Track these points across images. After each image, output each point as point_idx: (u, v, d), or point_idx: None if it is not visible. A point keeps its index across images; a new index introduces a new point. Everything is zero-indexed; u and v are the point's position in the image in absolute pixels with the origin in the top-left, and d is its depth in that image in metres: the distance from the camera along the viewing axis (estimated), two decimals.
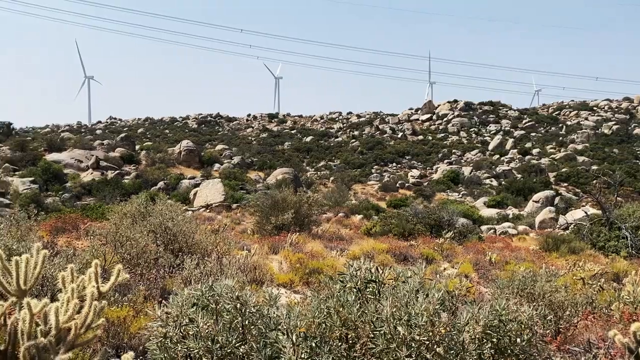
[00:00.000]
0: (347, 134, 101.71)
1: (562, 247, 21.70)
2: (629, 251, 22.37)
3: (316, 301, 3.82)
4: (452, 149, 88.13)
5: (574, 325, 7.25)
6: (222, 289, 3.81)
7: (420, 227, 25.49)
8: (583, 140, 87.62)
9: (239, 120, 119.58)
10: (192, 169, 58.07)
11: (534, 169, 72.21)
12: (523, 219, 42.05)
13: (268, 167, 65.69)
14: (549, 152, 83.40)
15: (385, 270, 4.20)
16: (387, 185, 66.06)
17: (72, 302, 4.03)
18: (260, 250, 14.63)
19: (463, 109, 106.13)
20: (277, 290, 9.33)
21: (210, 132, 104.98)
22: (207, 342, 3.61)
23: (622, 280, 13.23)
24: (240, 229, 25.82)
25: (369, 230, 26.60)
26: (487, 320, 3.58)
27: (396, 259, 16.63)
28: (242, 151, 78.43)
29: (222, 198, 39.37)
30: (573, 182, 64.59)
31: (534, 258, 18.85)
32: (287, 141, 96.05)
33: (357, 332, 3.65)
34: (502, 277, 11.58)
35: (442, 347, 3.43)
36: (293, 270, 12.52)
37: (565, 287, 8.02)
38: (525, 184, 60.70)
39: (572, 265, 14.57)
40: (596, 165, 72.93)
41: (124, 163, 54.90)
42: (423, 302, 3.48)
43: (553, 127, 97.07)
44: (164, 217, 10.47)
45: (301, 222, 23.20)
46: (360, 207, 43.74)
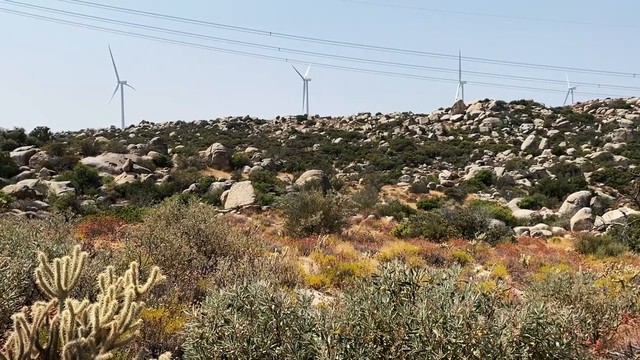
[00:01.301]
0: (376, 135, 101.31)
1: (599, 249, 21.14)
2: None
3: (350, 303, 3.82)
4: (484, 149, 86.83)
5: (614, 329, 7.05)
6: (256, 290, 3.84)
7: (452, 228, 25.19)
8: (620, 138, 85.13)
9: (268, 122, 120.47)
10: (222, 172, 58.76)
11: (569, 168, 70.50)
12: (557, 220, 41.12)
13: (297, 168, 65.94)
14: (584, 152, 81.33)
15: (419, 272, 4.16)
16: (418, 186, 65.51)
17: (112, 303, 4.13)
18: (290, 252, 14.69)
19: (494, 108, 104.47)
20: (310, 292, 9.36)
21: (240, 135, 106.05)
22: (242, 343, 3.65)
23: None
24: (270, 231, 26.00)
25: (400, 231, 26.42)
26: (525, 323, 3.51)
27: (428, 261, 16.47)
28: (271, 153, 78.95)
29: (252, 200, 39.71)
30: (610, 182, 62.79)
31: (570, 260, 18.41)
32: (315, 143, 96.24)
33: (391, 334, 3.63)
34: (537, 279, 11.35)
35: (479, 350, 3.38)
36: (324, 272, 12.53)
37: (603, 290, 7.81)
38: (559, 184, 59.33)
39: (610, 267, 14.17)
40: (634, 164, 70.72)
41: (157, 166, 55.92)
42: (459, 305, 3.44)
43: (588, 125, 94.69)
44: (196, 219, 10.62)
45: (331, 223, 23.20)
46: (390, 209, 43.51)
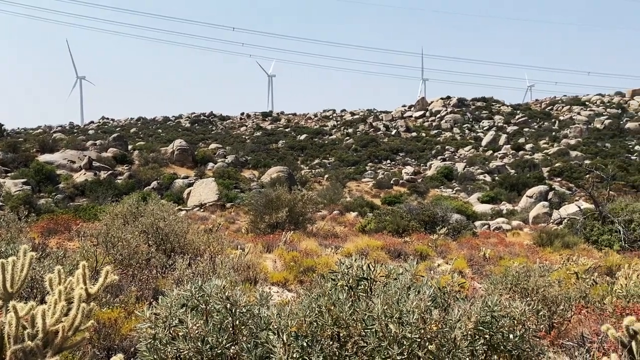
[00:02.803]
0: (341, 132, 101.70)
1: (556, 242, 21.78)
2: (622, 245, 22.48)
3: (307, 300, 3.78)
4: (446, 145, 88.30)
5: (568, 320, 7.25)
6: (212, 289, 3.76)
7: (415, 223, 25.51)
8: (576, 135, 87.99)
9: (233, 118, 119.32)
10: (185, 169, 57.86)
11: (528, 164, 72.46)
12: (517, 214, 42.18)
13: (262, 165, 65.56)
14: (542, 147, 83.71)
15: (377, 268, 4.16)
16: (382, 182, 66.12)
17: (60, 305, 3.97)
18: (254, 249, 14.58)
19: (456, 105, 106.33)
20: (270, 289, 9.30)
21: (204, 131, 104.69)
22: (196, 343, 3.56)
23: (615, 274, 13.27)
24: (234, 228, 25.75)
25: (364, 227, 26.61)
26: (479, 317, 3.55)
27: (391, 255, 16.62)
28: (236, 150, 78.26)
29: (216, 197, 39.25)
30: (566, 176, 64.85)
31: (528, 253, 18.90)
32: (281, 139, 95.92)
33: (348, 330, 3.61)
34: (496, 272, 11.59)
35: (434, 345, 3.39)
36: (287, 268, 12.48)
37: (558, 282, 8.02)
38: (518, 179, 60.90)
39: (565, 259, 14.63)
40: (589, 159, 73.23)
41: (117, 163, 54.63)
42: (414, 299, 3.45)
43: (546, 122, 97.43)
44: (155, 217, 10.40)
45: (296, 220, 23.16)
46: (354, 205, 43.76)
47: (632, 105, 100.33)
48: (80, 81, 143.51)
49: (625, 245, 22.51)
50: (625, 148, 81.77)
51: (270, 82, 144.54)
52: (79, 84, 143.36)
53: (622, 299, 7.80)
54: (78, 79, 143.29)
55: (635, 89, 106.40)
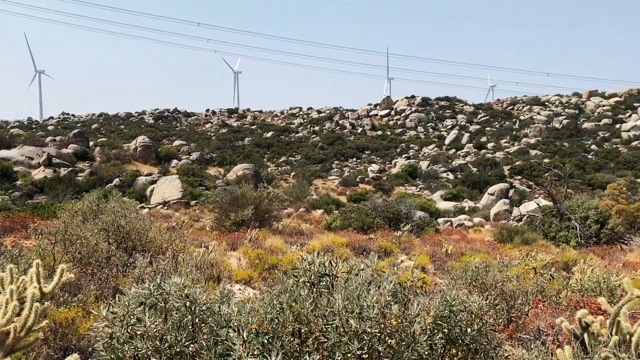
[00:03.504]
0: (308, 130, 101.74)
1: (515, 238, 22.32)
2: (578, 241, 23.23)
3: (269, 297, 3.77)
4: (410, 143, 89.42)
5: (525, 314, 7.45)
6: (170, 287, 3.70)
7: (379, 220, 25.75)
8: (535, 134, 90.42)
9: (198, 115, 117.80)
10: (148, 166, 56.83)
11: (489, 162, 74.09)
12: (479, 211, 43.07)
13: (228, 163, 64.97)
14: (503, 146, 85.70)
15: (338, 264, 4.18)
16: (348, 180, 66.49)
17: (12, 304, 3.85)
18: (218, 247, 14.44)
19: (420, 104, 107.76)
20: (233, 287, 9.23)
21: (168, 128, 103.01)
22: (155, 342, 3.50)
23: (572, 269, 13.70)
24: (198, 226, 25.45)
25: (330, 224, 26.70)
26: (438, 311, 3.61)
27: (355, 252, 16.74)
28: (200, 147, 77.29)
29: (180, 195, 38.69)
30: (526, 175, 66.62)
31: (489, 249, 19.32)
32: (247, 137, 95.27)
33: (309, 326, 3.62)
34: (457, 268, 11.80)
35: (394, 339, 3.43)
36: (252, 266, 12.42)
37: (516, 277, 8.23)
38: (480, 177, 62.20)
39: (525, 255, 15.03)
40: (548, 158, 75.42)
41: (78, 160, 53.22)
42: (374, 295, 3.48)
43: (507, 121, 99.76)
44: (116, 215, 10.17)
45: (261, 217, 23.05)
46: (320, 202, 43.85)
47: (589, 106, 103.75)
48: (39, 75, 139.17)
49: (582, 241, 23.27)
50: (582, 147, 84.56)
51: (236, 78, 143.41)
52: (38, 78, 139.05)
53: (577, 293, 8.06)
54: (37, 73, 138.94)
55: (591, 90, 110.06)
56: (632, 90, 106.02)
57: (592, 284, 8.04)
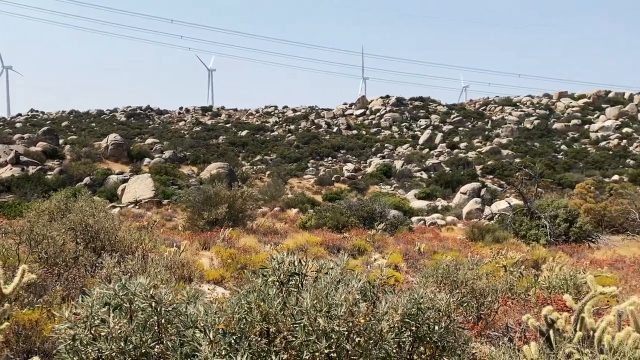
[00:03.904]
0: (283, 128, 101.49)
1: (487, 237, 22.66)
2: (548, 239, 23.72)
3: (236, 296, 3.73)
4: (385, 143, 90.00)
5: (495, 311, 7.55)
6: (136, 288, 3.63)
7: (354, 219, 25.84)
8: (507, 134, 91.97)
9: (171, 113, 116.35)
10: (120, 164, 55.90)
11: (462, 162, 75.11)
12: (451, 210, 43.61)
13: (202, 161, 64.34)
14: (476, 146, 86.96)
15: (308, 263, 4.16)
16: (323, 179, 66.59)
17: None
18: (190, 247, 14.29)
19: (395, 104, 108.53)
20: (205, 287, 9.13)
21: (140, 126, 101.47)
22: (119, 343, 3.43)
23: (541, 266, 13.97)
24: (171, 226, 25.15)
25: (304, 223, 26.68)
26: (406, 309, 3.62)
27: (329, 251, 16.76)
28: (174, 145, 76.35)
29: (152, 194, 38.15)
30: (498, 174, 67.75)
31: (461, 247, 19.56)
32: (221, 135, 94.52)
33: (278, 326, 3.59)
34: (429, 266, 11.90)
35: (362, 337, 3.43)
36: (224, 266, 12.32)
37: (486, 275, 8.34)
38: (453, 177, 63.00)
39: (495, 253, 15.27)
40: (519, 158, 76.80)
41: (47, 158, 52.04)
42: (343, 293, 3.47)
43: (479, 122, 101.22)
44: (84, 214, 9.96)
45: (235, 217, 22.90)
46: (296, 201, 43.78)
47: (559, 107, 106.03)
48: (6, 71, 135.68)
49: (551, 239, 23.77)
50: (552, 147, 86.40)
51: (211, 76, 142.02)
52: (5, 74, 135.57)
53: (545, 290, 8.22)
54: (4, 69, 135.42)
55: (561, 92, 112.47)
56: (600, 92, 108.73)
57: (560, 282, 8.20)
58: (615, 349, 4.24)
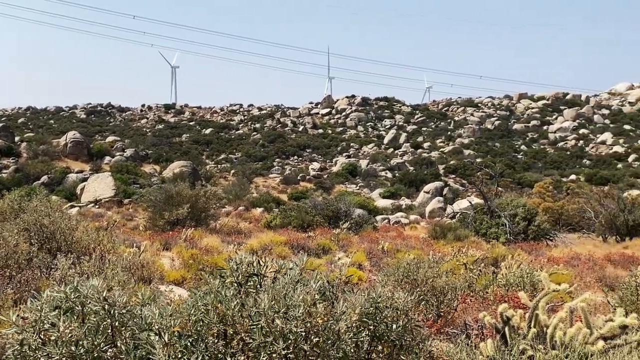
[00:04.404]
0: (249, 127, 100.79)
1: (448, 235, 23.05)
2: (507, 237, 24.31)
3: (193, 298, 3.67)
4: (350, 142, 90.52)
5: (454, 309, 7.67)
6: (88, 290, 3.52)
7: (319, 218, 25.88)
8: (469, 134, 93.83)
9: (133, 110, 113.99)
10: (80, 162, 54.41)
11: (425, 161, 76.25)
12: (415, 208, 44.20)
13: (164, 160, 63.28)
14: (439, 146, 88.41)
15: (267, 263, 4.13)
16: (289, 178, 66.46)
17: None
18: (150, 247, 14.02)
19: (360, 104, 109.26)
20: (164, 288, 8.97)
21: (101, 123, 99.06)
22: (70, 347, 3.32)
23: (500, 264, 14.27)
24: (131, 226, 24.64)
25: (269, 223, 26.55)
26: (364, 309, 3.63)
27: (294, 250, 16.71)
28: (135, 143, 74.83)
29: (112, 193, 37.28)
30: (460, 173, 69.07)
31: (423, 246, 19.83)
32: (185, 133, 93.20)
33: (235, 327, 3.55)
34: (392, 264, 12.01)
35: (320, 338, 3.43)
36: (186, 266, 12.14)
37: (446, 273, 8.47)
38: (417, 176, 63.89)
39: (456, 251, 15.52)
40: (480, 158, 78.49)
41: (2, 156, 50.23)
42: (301, 293, 3.46)
43: (442, 122, 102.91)
44: (39, 214, 9.64)
45: (198, 216, 22.60)
46: (261, 200, 43.55)
47: (519, 108, 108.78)
48: None
49: (510, 237, 24.36)
50: (512, 147, 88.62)
51: (174, 73, 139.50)
52: None
53: (502, 288, 8.40)
54: None
55: (521, 93, 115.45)
56: (558, 93, 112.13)
57: (517, 279, 8.40)
58: (566, 344, 4.36)
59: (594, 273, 14.60)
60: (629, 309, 6.77)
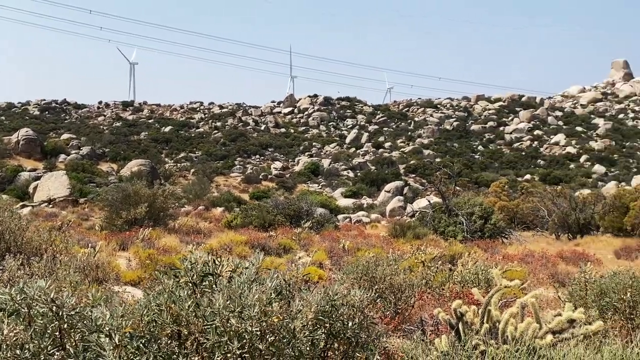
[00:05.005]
0: (209, 125, 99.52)
1: (408, 233, 23.40)
2: (465, 235, 24.86)
3: (146, 298, 3.59)
4: (313, 141, 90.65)
5: (411, 306, 7.80)
6: (35, 292, 3.40)
7: (281, 217, 25.84)
8: (428, 135, 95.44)
9: (89, 107, 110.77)
10: (33, 160, 52.60)
11: (386, 161, 77.18)
12: (376, 207, 44.68)
13: (122, 158, 61.86)
14: (400, 146, 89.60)
15: (223, 262, 4.09)
16: (250, 177, 66.05)
17: None
18: (106, 247, 13.69)
19: (322, 103, 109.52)
20: (120, 288, 8.77)
21: (56, 120, 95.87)
22: (15, 351, 3.20)
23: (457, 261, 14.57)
24: (87, 226, 23.99)
25: (230, 222, 26.34)
26: (319, 307, 3.64)
27: (254, 250, 16.59)
28: (92, 141, 72.83)
29: (67, 192, 36.17)
30: (420, 173, 70.23)
31: (383, 244, 20.04)
32: (143, 131, 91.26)
33: (189, 328, 3.50)
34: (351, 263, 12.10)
35: (275, 336, 3.42)
36: (142, 267, 11.90)
37: (404, 270, 8.60)
38: (378, 175, 64.60)
39: (415, 249, 15.76)
40: (439, 158, 79.97)
41: None
42: (257, 292, 3.44)
43: (403, 122, 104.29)
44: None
45: (156, 216, 22.21)
46: (221, 200, 43.15)
47: (477, 109, 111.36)
48: None
49: (467, 235, 24.92)
50: (470, 148, 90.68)
51: (132, 70, 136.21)
52: None
53: (458, 285, 8.59)
54: None
55: (479, 95, 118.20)
56: (514, 95, 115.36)
57: (472, 276, 8.60)
58: (517, 339, 4.50)
59: (546, 270, 15.08)
60: (577, 303, 7.02)
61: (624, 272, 7.23)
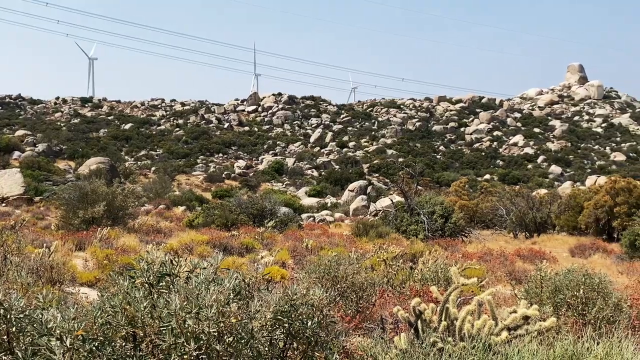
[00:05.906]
0: (171, 123, 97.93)
1: (371, 232, 23.58)
2: (426, 234, 25.23)
3: (99, 300, 3.50)
4: (277, 140, 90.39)
5: (372, 304, 7.85)
6: None
7: (244, 217, 25.64)
8: (392, 135, 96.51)
9: (46, 103, 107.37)
10: None
11: (350, 160, 77.65)
12: (340, 207, 44.87)
13: (80, 156, 60.20)
14: (363, 145, 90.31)
15: (180, 263, 4.02)
16: (213, 175, 65.33)
17: None
18: (62, 247, 13.29)
19: (287, 102, 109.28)
20: (76, 290, 8.52)
21: (10, 116, 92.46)
22: None
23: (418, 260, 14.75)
24: (43, 225, 23.23)
25: (192, 222, 25.98)
26: (278, 306, 3.62)
27: (215, 250, 16.42)
28: (48, 138, 70.62)
29: (21, 190, 34.94)
30: (383, 172, 70.93)
31: (347, 243, 20.13)
32: (103, 128, 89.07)
33: (145, 329, 3.42)
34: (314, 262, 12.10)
35: (233, 337, 3.38)
36: (100, 267, 11.61)
37: (365, 269, 8.65)
38: (342, 175, 64.91)
39: (378, 248, 15.89)
40: (402, 157, 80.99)
41: None
42: (214, 293, 3.39)
43: (367, 122, 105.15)
44: None
45: (115, 215, 21.68)
46: (183, 199, 42.51)
47: (438, 110, 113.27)
48: None
49: (429, 234, 25.31)
50: (432, 148, 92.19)
51: (92, 65, 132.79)
52: None
53: (418, 283, 8.71)
54: None
55: (441, 96, 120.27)
56: (474, 97, 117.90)
57: (431, 274, 8.74)
58: (473, 336, 4.58)
59: (504, 267, 15.43)
60: (533, 300, 7.22)
61: (577, 270, 7.47)
